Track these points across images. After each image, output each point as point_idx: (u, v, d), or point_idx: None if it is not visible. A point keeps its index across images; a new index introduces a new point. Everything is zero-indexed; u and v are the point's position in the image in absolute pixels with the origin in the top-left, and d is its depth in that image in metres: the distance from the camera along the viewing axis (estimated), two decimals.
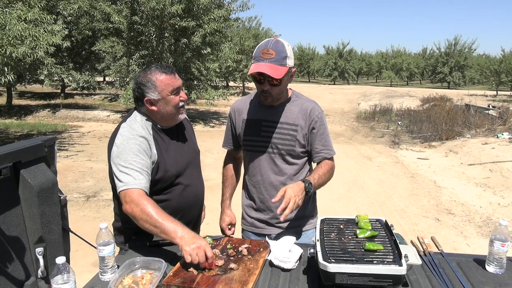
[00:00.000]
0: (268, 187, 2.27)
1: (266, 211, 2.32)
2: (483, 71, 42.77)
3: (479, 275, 1.72)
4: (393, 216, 6.05)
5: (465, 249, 4.99)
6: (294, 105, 2.24)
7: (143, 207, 1.80)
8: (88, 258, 4.04)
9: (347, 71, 57.09)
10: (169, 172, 2.07)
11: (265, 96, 2.15)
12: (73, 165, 8.86)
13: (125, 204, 1.86)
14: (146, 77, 2.00)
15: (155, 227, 1.77)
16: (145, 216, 1.78)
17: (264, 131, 2.23)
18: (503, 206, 6.58)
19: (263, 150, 2.25)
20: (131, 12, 14.24)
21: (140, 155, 1.93)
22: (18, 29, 8.20)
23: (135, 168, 1.90)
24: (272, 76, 1.99)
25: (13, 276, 1.69)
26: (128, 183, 1.86)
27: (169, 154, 2.09)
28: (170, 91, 2.01)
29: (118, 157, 1.94)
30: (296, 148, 2.21)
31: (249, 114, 2.30)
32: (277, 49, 2.02)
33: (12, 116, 16.78)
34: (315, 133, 2.21)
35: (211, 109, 20.66)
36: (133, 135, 1.99)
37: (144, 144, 1.98)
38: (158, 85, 1.99)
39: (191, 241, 1.69)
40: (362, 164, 9.67)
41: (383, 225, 1.85)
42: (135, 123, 2.05)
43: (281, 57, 2.02)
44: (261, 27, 33.22)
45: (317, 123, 2.21)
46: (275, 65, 2.01)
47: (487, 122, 13.82)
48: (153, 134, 2.05)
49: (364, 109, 20.64)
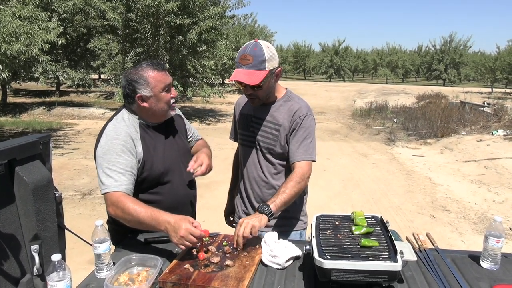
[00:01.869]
0: (251, 181, 2.31)
1: (248, 205, 2.36)
2: (478, 68, 42.92)
3: (474, 271, 1.73)
4: (389, 212, 6.07)
5: (460, 245, 5.02)
6: (283, 105, 2.23)
7: (124, 207, 1.82)
8: (84, 255, 4.03)
9: (342, 69, 57.08)
10: (155, 170, 2.05)
11: (251, 99, 2.18)
12: (69, 163, 8.83)
13: (107, 207, 1.90)
14: (138, 74, 1.98)
15: (139, 224, 1.82)
16: (127, 215, 1.82)
17: (252, 127, 2.28)
18: (497, 203, 6.62)
19: (250, 145, 2.30)
20: (126, 9, 14.17)
21: (123, 155, 1.93)
22: (13, 26, 8.15)
23: (118, 170, 1.90)
24: (247, 84, 2.01)
25: (9, 273, 1.68)
26: (110, 186, 1.88)
27: (157, 152, 2.07)
28: (162, 88, 2.01)
29: (101, 157, 1.94)
30: (276, 148, 2.21)
31: (244, 108, 2.37)
32: (254, 54, 2.01)
33: (7, 113, 16.68)
34: (293, 134, 2.17)
35: (207, 107, 20.64)
36: (117, 134, 1.97)
37: (128, 143, 1.97)
38: (150, 81, 1.98)
39: (173, 232, 1.71)
40: (357, 161, 9.69)
41: (379, 222, 1.85)
42: (121, 122, 2.04)
43: (259, 62, 2.01)
44: (257, 25, 33.24)
45: (298, 124, 2.17)
46: (253, 70, 2.01)
47: (482, 119, 13.88)
48: (140, 132, 2.04)
49: (359, 106, 20.66)
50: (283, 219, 2.29)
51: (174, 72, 15.63)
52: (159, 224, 1.76)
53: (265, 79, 2.04)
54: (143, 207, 1.82)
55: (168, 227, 1.73)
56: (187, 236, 1.68)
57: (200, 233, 1.70)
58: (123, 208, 1.82)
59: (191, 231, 1.69)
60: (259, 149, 2.26)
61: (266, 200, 2.06)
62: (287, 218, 2.31)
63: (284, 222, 2.30)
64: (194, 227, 1.71)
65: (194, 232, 1.69)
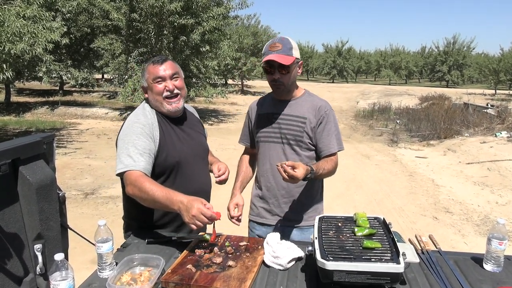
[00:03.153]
0: (275, 174, 2.31)
1: (271, 199, 2.42)
2: (481, 69, 42.81)
3: (476, 274, 1.72)
4: (391, 214, 6.06)
5: (462, 247, 5.00)
6: (305, 101, 2.39)
7: (141, 186, 1.86)
8: (86, 255, 4.04)
9: (345, 70, 57.09)
10: (171, 157, 2.11)
11: (277, 85, 2.30)
12: (72, 163, 8.85)
13: (126, 187, 1.94)
14: (144, 67, 2.21)
15: (154, 203, 1.87)
16: (144, 194, 1.86)
17: (275, 123, 2.38)
18: (501, 205, 6.60)
19: (274, 140, 2.39)
20: (130, 10, 14.20)
21: (142, 138, 2.02)
22: (17, 26, 8.18)
23: (137, 151, 1.97)
24: (281, 62, 2.17)
25: (12, 272, 1.69)
26: (128, 165, 1.94)
27: (172, 140, 2.15)
28: (152, 79, 2.12)
29: (122, 139, 2.05)
30: (304, 139, 2.33)
31: (262, 109, 2.49)
32: (283, 42, 2.23)
33: (10, 113, 16.74)
34: (321, 128, 2.34)
35: (210, 107, 20.65)
36: (137, 119, 2.10)
37: (147, 128, 2.06)
38: (146, 73, 2.16)
39: (185, 211, 1.73)
40: (360, 163, 9.68)
41: (381, 223, 1.85)
42: (141, 111, 2.17)
43: (287, 48, 2.22)
44: (260, 25, 33.20)
45: (324, 119, 2.34)
46: (283, 55, 2.19)
47: (486, 121, 13.84)
48: (157, 120, 2.14)
49: (362, 107, 20.65)
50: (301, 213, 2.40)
51: None
52: (173, 204, 1.79)
53: (293, 63, 2.24)
54: (158, 187, 1.86)
55: (181, 207, 1.76)
56: (198, 216, 1.70)
57: (211, 213, 1.71)
58: (140, 187, 1.86)
59: (202, 211, 1.70)
60: (286, 142, 2.35)
61: (292, 193, 2.34)
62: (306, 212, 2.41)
63: (301, 216, 2.41)
64: (207, 208, 1.72)
65: (205, 213, 1.70)
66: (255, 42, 30.58)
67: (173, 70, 2.15)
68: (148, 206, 1.93)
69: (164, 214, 2.16)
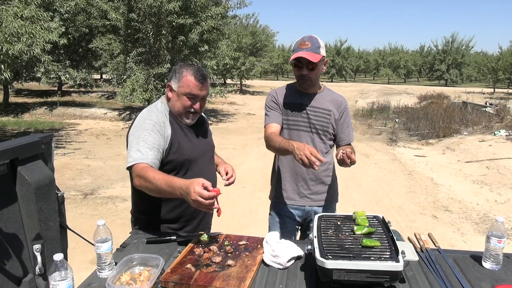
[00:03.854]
0: None
1: (300, 182, 2.63)
2: (480, 68, 42.89)
3: (475, 271, 1.73)
4: (390, 213, 6.07)
5: (461, 245, 5.01)
6: (326, 95, 2.64)
7: (145, 175, 1.88)
8: (85, 255, 4.04)
9: (344, 69, 57.11)
10: (181, 154, 2.15)
11: (304, 80, 2.49)
12: (70, 163, 8.84)
13: (134, 180, 1.96)
14: (181, 68, 2.14)
15: (159, 192, 1.88)
16: (148, 184, 1.87)
17: (305, 113, 2.56)
18: (499, 203, 6.60)
19: (303, 129, 2.57)
20: (128, 9, 14.18)
21: (153, 134, 2.05)
22: (15, 26, 8.16)
23: (146, 145, 2.00)
24: (310, 60, 2.35)
25: (11, 272, 1.69)
26: (137, 159, 1.97)
27: (184, 138, 2.18)
28: (186, 92, 2.12)
29: (132, 134, 2.07)
30: (329, 129, 2.59)
31: (290, 98, 2.62)
32: (312, 41, 2.41)
33: (9, 113, 16.72)
34: (343, 120, 2.63)
35: (209, 107, 20.64)
36: (149, 116, 2.13)
37: (158, 125, 2.09)
38: (182, 80, 2.12)
39: (187, 197, 1.74)
40: (359, 162, 9.60)
41: (381, 222, 1.85)
42: (154, 108, 2.19)
43: (316, 47, 2.40)
44: (259, 25, 33.07)
45: (344, 112, 2.64)
46: (311, 53, 2.37)
47: (484, 119, 13.86)
48: (169, 119, 2.16)
49: (361, 106, 20.66)
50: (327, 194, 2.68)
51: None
52: (174, 190, 1.80)
53: (320, 61, 2.44)
54: (160, 175, 1.88)
55: (182, 193, 1.77)
56: (197, 199, 1.70)
57: (208, 194, 1.71)
58: (145, 177, 1.88)
59: (200, 194, 1.69)
60: (315, 131, 2.57)
61: (318, 176, 2.61)
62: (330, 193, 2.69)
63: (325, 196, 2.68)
64: (205, 187, 1.72)
65: (203, 194, 1.70)
66: (254, 41, 30.56)
67: (206, 92, 2.20)
68: (157, 196, 1.95)
69: (172, 209, 2.20)
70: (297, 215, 2.67)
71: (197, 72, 2.13)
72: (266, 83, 42.53)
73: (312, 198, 2.64)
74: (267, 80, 54.44)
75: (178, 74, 2.13)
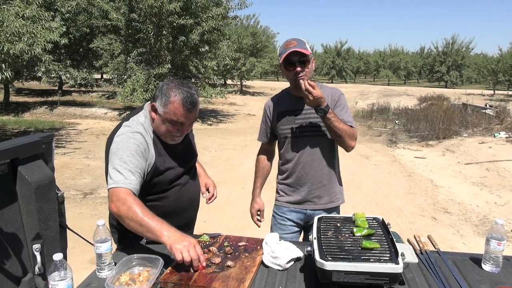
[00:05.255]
0: (306, 166, 2.55)
1: (303, 187, 2.60)
2: (480, 70, 42.89)
3: (475, 274, 1.73)
4: (390, 214, 6.07)
5: (461, 247, 5.00)
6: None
7: (129, 205, 1.77)
8: (85, 255, 4.04)
9: (344, 70, 57.11)
10: (166, 176, 2.08)
11: (301, 77, 2.37)
12: (71, 162, 8.84)
13: (111, 203, 1.83)
14: (169, 91, 1.95)
15: (140, 226, 1.73)
16: (131, 214, 1.75)
17: (298, 119, 2.54)
18: (499, 205, 6.60)
19: (300, 135, 2.55)
20: (129, 10, 14.20)
21: (136, 155, 1.92)
22: (16, 26, 8.17)
23: (128, 168, 1.88)
24: (302, 52, 2.32)
25: (10, 272, 1.69)
26: (118, 182, 1.84)
27: (167, 159, 2.08)
28: (172, 120, 1.96)
29: (114, 154, 1.92)
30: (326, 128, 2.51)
31: (282, 106, 2.62)
32: (297, 40, 2.40)
33: (9, 113, 16.72)
34: (337, 108, 2.52)
35: (209, 107, 20.64)
36: (133, 134, 1.97)
37: (142, 146, 1.96)
38: (169, 106, 1.94)
39: (179, 239, 1.67)
40: (359, 163, 9.68)
41: (380, 224, 1.85)
42: (137, 124, 2.03)
43: (303, 43, 2.38)
44: (259, 25, 33.13)
45: (338, 101, 2.54)
46: (300, 48, 2.34)
47: (484, 121, 13.86)
48: (153, 138, 2.04)
49: (361, 107, 20.66)
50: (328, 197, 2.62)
51: (176, 72, 15.65)
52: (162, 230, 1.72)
53: (310, 55, 2.40)
54: (149, 212, 1.78)
55: (173, 235, 1.70)
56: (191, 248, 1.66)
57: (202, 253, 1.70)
58: (129, 207, 1.76)
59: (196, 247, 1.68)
60: (314, 134, 2.52)
61: (320, 181, 2.55)
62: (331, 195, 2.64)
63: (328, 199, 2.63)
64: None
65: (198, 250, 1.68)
66: (254, 42, 30.59)
67: (195, 116, 2.03)
68: (128, 227, 1.80)
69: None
70: (299, 218, 2.66)
71: (186, 99, 1.93)
72: (267, 84, 42.54)
73: (315, 201, 2.61)
74: (267, 80, 54.46)
75: (165, 98, 1.94)
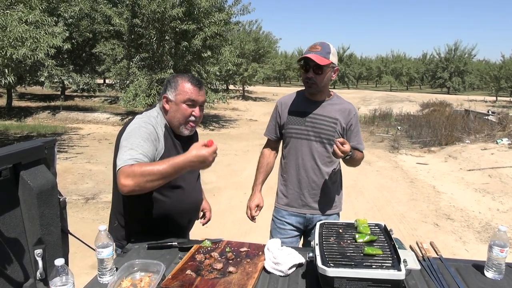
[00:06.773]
0: (307, 169, 2.59)
1: (302, 191, 2.63)
2: (482, 76, 42.90)
3: (477, 281, 1.72)
4: (392, 220, 6.05)
5: (464, 254, 4.98)
6: (335, 103, 2.62)
7: (142, 170, 1.76)
8: (86, 260, 4.04)
9: (347, 76, 57.11)
10: None
11: (309, 84, 2.47)
12: (73, 167, 8.85)
13: (122, 181, 1.77)
14: (175, 78, 2.11)
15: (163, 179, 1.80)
16: (148, 177, 1.76)
17: (309, 122, 2.57)
18: (502, 212, 6.58)
19: (306, 137, 2.57)
20: (132, 15, 14.27)
21: (147, 142, 1.95)
22: (19, 31, 8.21)
23: (140, 151, 1.88)
24: (317, 62, 2.34)
25: (12, 277, 1.69)
26: (126, 161, 1.83)
27: (174, 154, 2.07)
28: (185, 99, 2.06)
29: (126, 140, 1.95)
30: (335, 138, 2.50)
31: (294, 106, 2.65)
32: (322, 45, 2.42)
33: (12, 117, 16.77)
34: (352, 130, 2.61)
35: (211, 112, 20.67)
36: (145, 124, 2.03)
37: (153, 135, 2.01)
38: (178, 88, 2.07)
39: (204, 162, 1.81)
40: (361, 169, 9.65)
41: (382, 230, 1.85)
42: (150, 117, 2.09)
43: (326, 52, 2.41)
44: (262, 31, 33.18)
45: (353, 121, 2.61)
46: (320, 56, 2.37)
47: (487, 127, 13.82)
48: (164, 132, 2.09)
49: (363, 113, 20.63)
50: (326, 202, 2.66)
51: None
52: (183, 168, 1.81)
53: (328, 66, 2.42)
54: (158, 163, 1.84)
55: (194, 164, 1.81)
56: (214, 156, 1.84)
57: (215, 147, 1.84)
58: (142, 172, 1.76)
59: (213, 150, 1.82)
60: (320, 140, 2.56)
61: (320, 186, 2.59)
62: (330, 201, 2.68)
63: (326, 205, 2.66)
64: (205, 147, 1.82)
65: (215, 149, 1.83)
66: (257, 47, 30.63)
67: (204, 98, 2.16)
68: (151, 187, 1.81)
69: (161, 221, 2.15)
70: (299, 222, 2.67)
71: (192, 78, 2.11)
72: (269, 89, 42.56)
73: (313, 206, 2.63)
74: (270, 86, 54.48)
75: (173, 84, 2.08)
